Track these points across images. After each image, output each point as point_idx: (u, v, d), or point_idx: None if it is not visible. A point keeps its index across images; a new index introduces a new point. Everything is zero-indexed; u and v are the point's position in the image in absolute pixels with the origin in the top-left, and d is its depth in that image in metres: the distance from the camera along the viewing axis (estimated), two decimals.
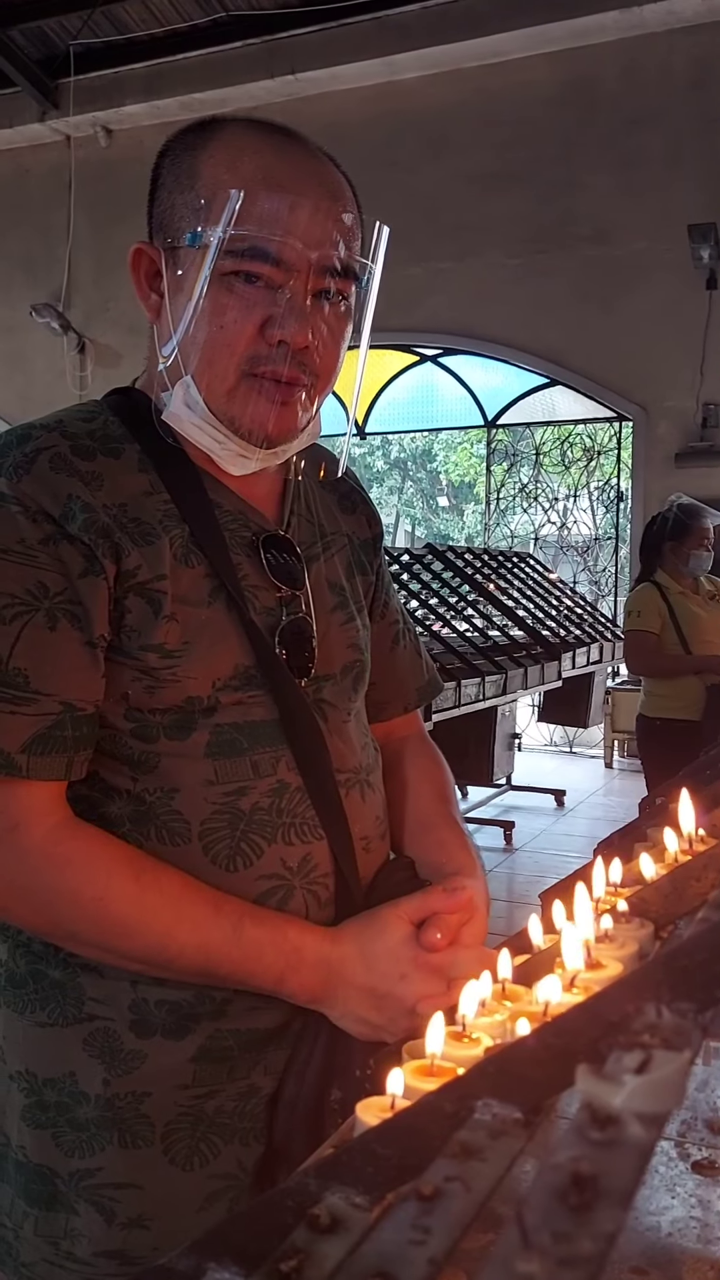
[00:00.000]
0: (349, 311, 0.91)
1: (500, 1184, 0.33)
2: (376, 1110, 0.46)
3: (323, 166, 0.90)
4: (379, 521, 1.12)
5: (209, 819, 0.89)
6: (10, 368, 9.18)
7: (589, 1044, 0.33)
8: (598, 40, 7.04)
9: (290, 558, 0.96)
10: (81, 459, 0.88)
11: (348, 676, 1.00)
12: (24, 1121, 0.92)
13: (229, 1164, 0.92)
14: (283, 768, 0.91)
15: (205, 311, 0.86)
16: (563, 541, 8.58)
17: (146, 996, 0.89)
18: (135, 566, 0.87)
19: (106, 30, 7.94)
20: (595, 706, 6.19)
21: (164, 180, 0.91)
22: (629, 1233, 0.47)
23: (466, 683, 4.35)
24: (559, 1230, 0.24)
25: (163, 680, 0.87)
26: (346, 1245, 0.33)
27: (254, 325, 0.86)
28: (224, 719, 0.89)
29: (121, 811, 0.89)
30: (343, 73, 7.55)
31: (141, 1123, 0.90)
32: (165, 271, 0.90)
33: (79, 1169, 0.90)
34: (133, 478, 0.90)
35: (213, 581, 0.90)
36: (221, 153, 0.88)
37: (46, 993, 0.92)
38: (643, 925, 0.62)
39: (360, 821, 0.96)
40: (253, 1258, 0.34)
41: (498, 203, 7.38)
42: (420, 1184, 0.33)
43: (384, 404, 8.40)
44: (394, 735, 1.14)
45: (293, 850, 0.91)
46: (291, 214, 0.85)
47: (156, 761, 0.89)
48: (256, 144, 0.88)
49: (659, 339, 7.05)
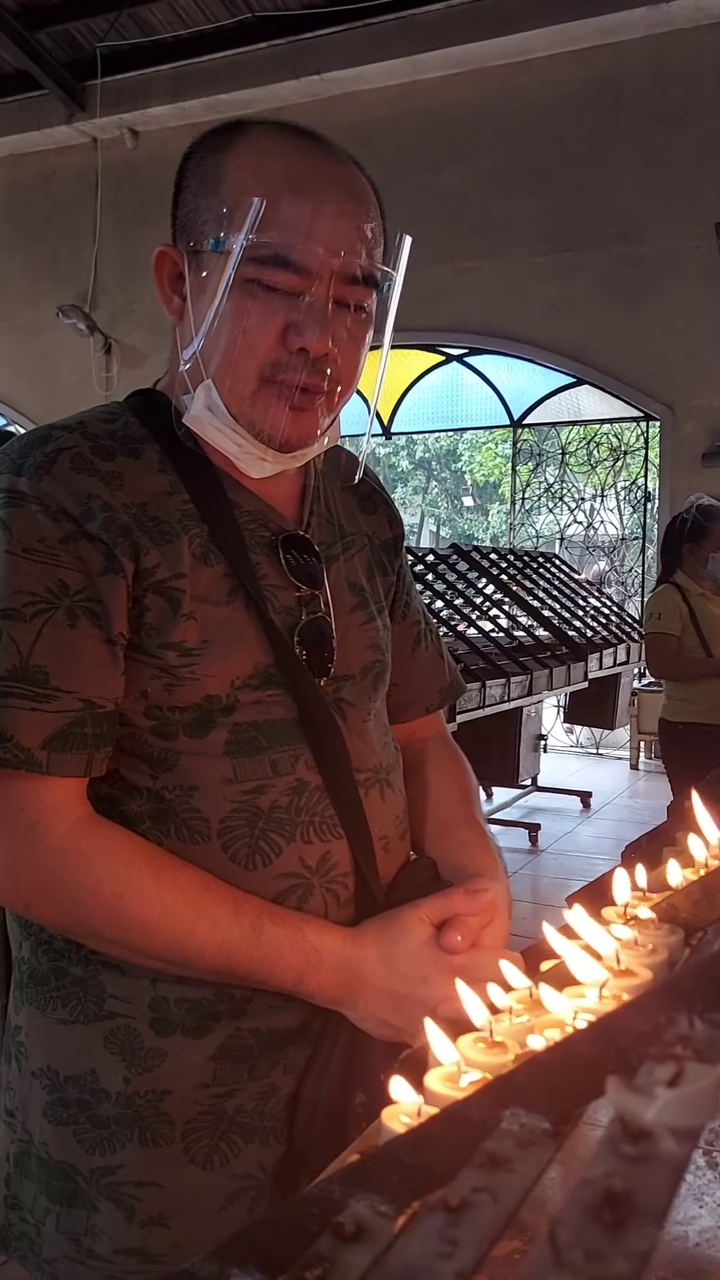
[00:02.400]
0: (370, 318, 0.91)
1: (528, 1195, 0.33)
2: (401, 1117, 0.46)
3: (347, 171, 0.90)
4: (400, 522, 1.12)
5: (228, 817, 0.89)
6: (36, 369, 9.24)
7: (619, 1054, 0.33)
8: (624, 37, 6.99)
9: (310, 558, 0.96)
10: (102, 459, 0.89)
11: (367, 676, 1.00)
12: (46, 1118, 0.92)
13: (249, 1164, 0.92)
14: (301, 766, 0.91)
15: (227, 317, 0.86)
16: (589, 542, 8.54)
17: (166, 995, 0.89)
18: (154, 565, 0.87)
19: (133, 32, 7.98)
20: (621, 708, 6.16)
21: (188, 183, 0.92)
22: None
23: (491, 684, 4.34)
24: (592, 1249, 0.23)
25: (182, 679, 0.87)
26: (371, 1254, 0.33)
27: (275, 332, 0.86)
28: (243, 718, 0.90)
29: (141, 809, 0.90)
30: (368, 72, 7.54)
31: (161, 1121, 0.90)
32: (188, 275, 0.90)
33: (99, 1166, 0.90)
34: (153, 478, 0.91)
35: (232, 581, 0.90)
36: (246, 156, 0.88)
37: (68, 990, 0.92)
38: (672, 931, 0.61)
39: (380, 821, 0.96)
40: (276, 1264, 0.34)
41: (523, 201, 7.36)
42: (447, 1194, 0.32)
43: (409, 404, 8.39)
44: (416, 736, 1.14)
45: (311, 849, 0.91)
46: (315, 221, 0.84)
47: (176, 759, 0.89)
48: (282, 148, 0.88)
49: (686, 338, 7.00)
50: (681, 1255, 0.46)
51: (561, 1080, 0.35)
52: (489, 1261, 0.31)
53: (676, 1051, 0.31)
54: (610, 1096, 0.30)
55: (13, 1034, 0.97)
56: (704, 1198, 0.50)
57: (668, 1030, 0.32)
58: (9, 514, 0.86)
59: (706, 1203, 0.50)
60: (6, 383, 9.45)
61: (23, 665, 0.83)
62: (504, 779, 5.26)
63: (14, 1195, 0.96)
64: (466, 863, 0.99)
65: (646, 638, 3.93)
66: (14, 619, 0.84)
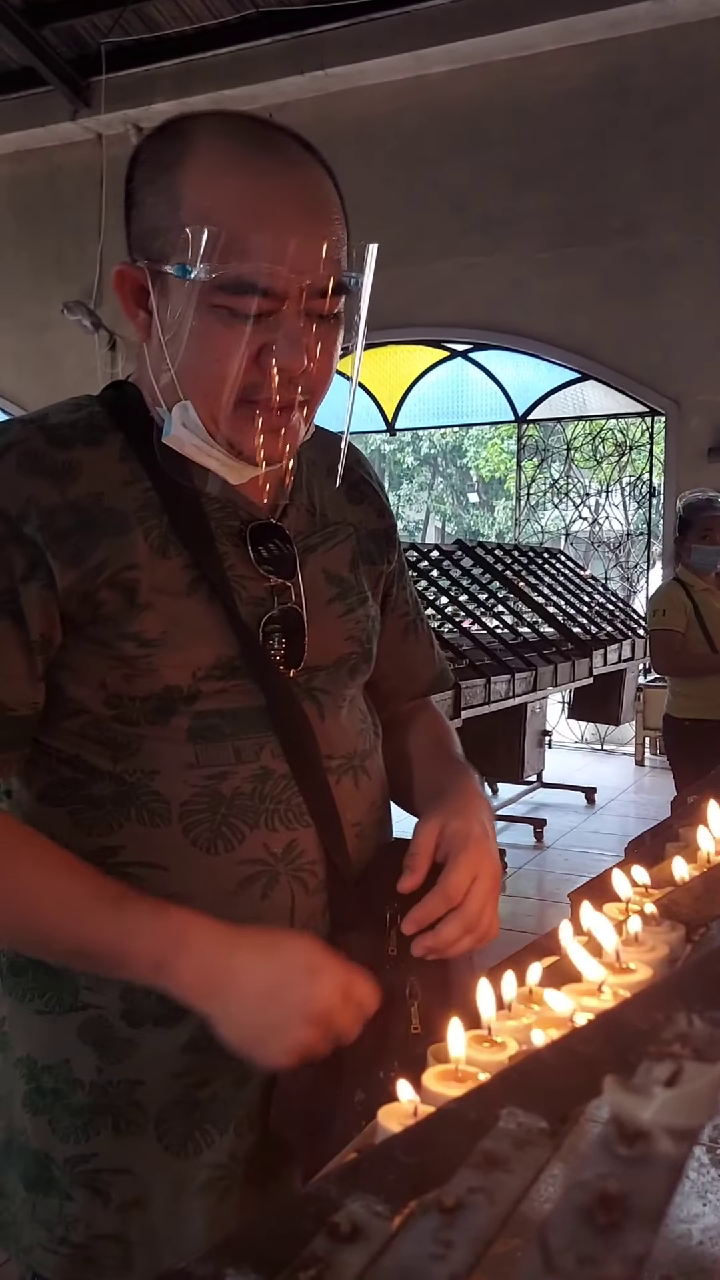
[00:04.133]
0: (340, 321, 0.89)
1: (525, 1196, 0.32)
2: (399, 1117, 0.45)
3: (305, 175, 0.87)
4: (390, 513, 1.11)
5: (189, 801, 0.89)
6: (42, 365, 9.24)
7: (617, 1053, 0.32)
8: (630, 31, 6.96)
9: (284, 546, 0.96)
10: (60, 449, 0.88)
11: (343, 667, 0.99)
12: (24, 1107, 0.94)
13: (222, 1153, 0.92)
14: (267, 755, 0.91)
15: (197, 341, 0.85)
16: (594, 537, 8.52)
17: (138, 985, 0.89)
18: (102, 560, 0.87)
19: (137, 28, 7.96)
20: (626, 703, 6.15)
21: (140, 197, 0.89)
22: (659, 1240, 0.46)
23: (496, 680, 4.33)
24: (585, 1253, 0.23)
25: (139, 669, 0.87)
26: (367, 1255, 0.32)
27: (249, 356, 0.84)
28: (206, 706, 0.89)
29: (104, 792, 0.90)
30: (372, 67, 7.52)
31: (134, 1110, 0.91)
32: (152, 291, 0.87)
33: (74, 1154, 0.91)
34: (113, 466, 0.90)
35: (192, 572, 0.90)
36: (200, 174, 0.84)
37: (44, 981, 0.93)
38: (674, 928, 0.61)
39: (353, 808, 0.96)
40: (272, 1264, 0.34)
41: (528, 196, 7.33)
42: (443, 1195, 0.32)
43: (414, 400, 8.37)
44: (399, 712, 1.15)
45: (276, 836, 0.91)
46: (279, 245, 0.82)
47: (139, 744, 0.90)
48: (236, 161, 0.85)
49: (691, 332, 6.98)
50: (685, 1254, 0.46)
51: (559, 1079, 0.35)
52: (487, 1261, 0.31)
53: (675, 1050, 0.31)
54: (607, 1096, 0.30)
55: None
56: (708, 1195, 0.50)
57: (666, 1028, 0.32)
58: None
59: (710, 1201, 0.49)
60: (11, 379, 9.45)
61: None
62: (509, 775, 5.26)
63: (0, 1184, 0.97)
64: (437, 793, 1.00)
65: (651, 634, 3.92)
66: None
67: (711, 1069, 0.30)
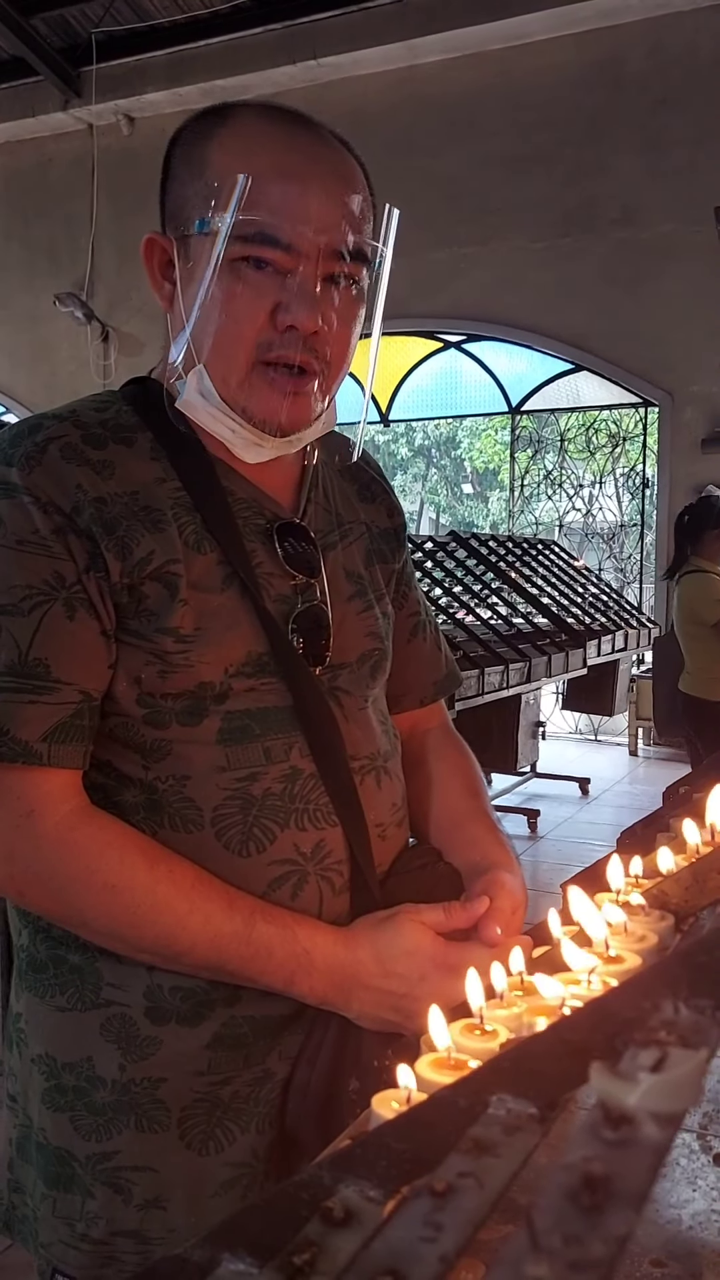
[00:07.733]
0: (360, 296, 0.91)
1: (515, 1180, 0.33)
2: (391, 1103, 0.46)
3: (334, 153, 0.90)
4: (400, 512, 1.11)
5: (221, 805, 0.89)
6: (34, 357, 9.22)
7: (604, 1040, 0.33)
8: (624, 20, 6.95)
9: (306, 545, 0.96)
10: (93, 448, 0.89)
11: (365, 665, 0.99)
12: (44, 1104, 0.93)
13: (244, 1151, 0.92)
14: (295, 754, 0.91)
15: (215, 299, 0.86)
16: (588, 528, 8.53)
17: (162, 983, 0.90)
18: (148, 553, 0.87)
19: (128, 17, 7.93)
20: (620, 694, 6.16)
21: (175, 170, 0.91)
22: (650, 1225, 0.47)
23: (490, 670, 4.33)
24: (569, 1232, 0.23)
25: (175, 665, 0.87)
26: (359, 1239, 0.33)
27: (264, 311, 0.86)
28: (236, 705, 0.90)
29: (135, 800, 0.90)
30: (365, 57, 7.50)
31: (157, 1108, 0.90)
32: (177, 261, 0.90)
33: (96, 1152, 0.91)
34: (144, 465, 0.90)
35: (225, 569, 0.90)
36: (232, 141, 0.87)
37: (66, 978, 0.92)
38: (663, 918, 0.62)
39: (376, 809, 0.96)
40: (267, 1249, 0.34)
41: (522, 186, 7.32)
42: (433, 1180, 0.32)
43: (408, 391, 8.37)
44: (419, 728, 1.13)
45: (305, 836, 0.91)
46: (300, 199, 0.84)
47: (168, 748, 0.89)
48: (268, 131, 0.88)
49: (685, 323, 6.98)
50: (675, 1238, 0.47)
51: (548, 1066, 0.35)
52: (477, 1245, 0.32)
53: (660, 1037, 0.32)
54: (593, 1081, 0.30)
55: (13, 1020, 0.98)
56: (697, 1181, 0.51)
57: (653, 1015, 0.33)
58: (1, 506, 0.86)
59: (700, 1186, 0.50)
60: (4, 372, 9.43)
61: (21, 660, 0.84)
62: (503, 765, 5.26)
63: (17, 1180, 0.97)
64: (479, 859, 0.98)
65: (717, 626, 4.00)
66: (12, 614, 0.84)
67: (696, 1055, 0.31)
